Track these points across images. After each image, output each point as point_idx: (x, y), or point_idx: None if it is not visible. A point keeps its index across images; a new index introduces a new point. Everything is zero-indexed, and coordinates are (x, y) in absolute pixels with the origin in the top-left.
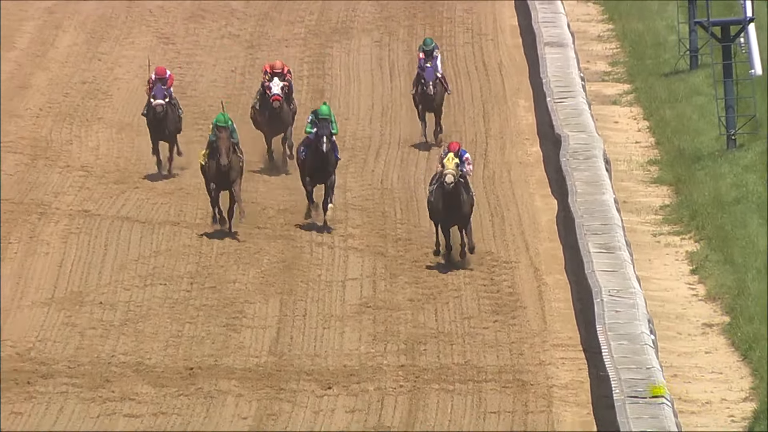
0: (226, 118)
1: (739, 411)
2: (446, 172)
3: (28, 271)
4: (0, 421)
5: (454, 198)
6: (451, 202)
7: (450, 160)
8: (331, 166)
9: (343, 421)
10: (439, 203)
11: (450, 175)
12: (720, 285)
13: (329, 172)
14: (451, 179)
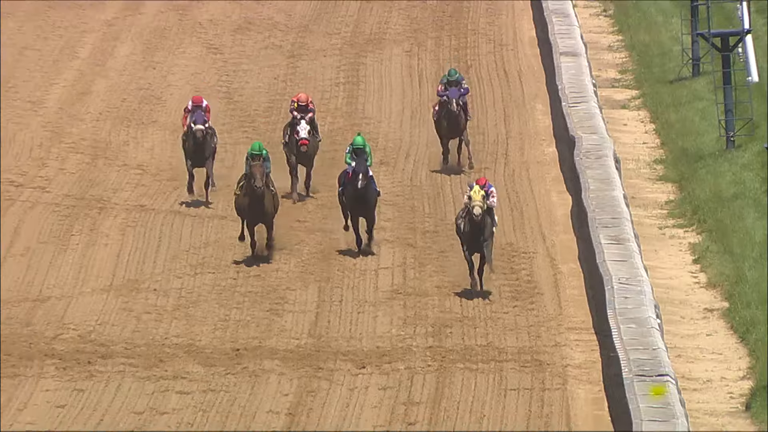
0: (261, 146)
1: (737, 388)
2: (474, 204)
3: (89, 261)
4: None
5: (480, 229)
6: (477, 232)
7: (477, 193)
8: (371, 199)
9: (375, 397)
10: (467, 233)
11: (477, 207)
12: (720, 273)
13: (370, 206)
14: (479, 211)
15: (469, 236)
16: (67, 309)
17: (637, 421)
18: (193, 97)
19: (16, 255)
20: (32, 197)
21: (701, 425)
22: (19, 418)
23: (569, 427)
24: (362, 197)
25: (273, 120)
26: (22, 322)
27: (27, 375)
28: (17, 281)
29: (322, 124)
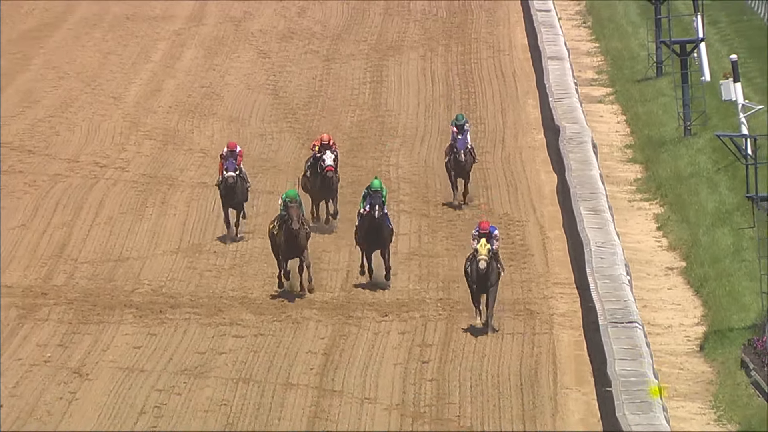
0: (296, 193)
1: (693, 333)
2: (480, 258)
3: (160, 228)
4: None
5: (486, 277)
6: (483, 280)
7: (483, 246)
8: (386, 233)
9: (396, 339)
10: (473, 279)
11: (483, 261)
12: (678, 238)
13: (384, 239)
14: (484, 265)
15: (476, 283)
16: (142, 268)
17: (610, 360)
18: (228, 143)
19: (101, 223)
20: (114, 176)
21: (663, 363)
22: (104, 356)
23: (555, 364)
24: (377, 229)
25: (311, 113)
26: (105, 278)
27: (110, 322)
28: (102, 245)
29: (352, 115)
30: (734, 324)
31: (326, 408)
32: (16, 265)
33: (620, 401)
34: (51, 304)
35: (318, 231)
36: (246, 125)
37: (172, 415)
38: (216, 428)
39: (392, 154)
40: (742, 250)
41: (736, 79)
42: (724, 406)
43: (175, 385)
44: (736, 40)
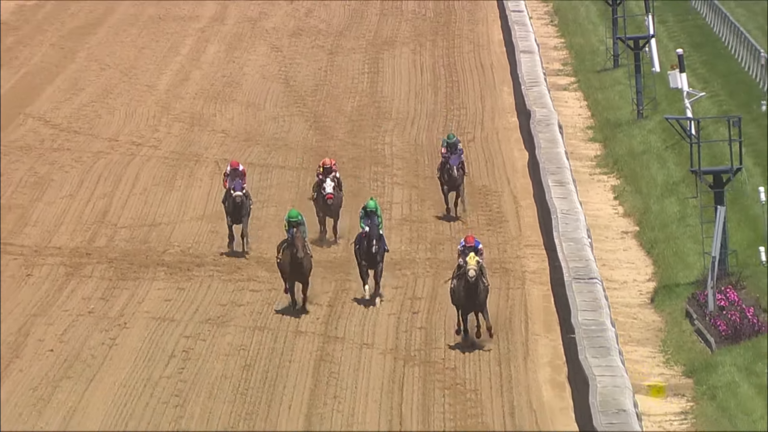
0: (298, 213)
1: (645, 288)
2: (468, 268)
3: (188, 198)
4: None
5: (474, 289)
6: (471, 292)
7: (471, 258)
8: (379, 256)
9: (390, 293)
10: (461, 292)
11: (472, 270)
12: (632, 206)
13: (378, 261)
14: (474, 274)
15: (464, 298)
16: (172, 232)
17: (574, 311)
18: (231, 162)
19: (137, 194)
20: (148, 153)
21: (619, 314)
22: (139, 308)
23: (526, 314)
24: (373, 256)
25: (317, 99)
26: (140, 241)
27: (144, 278)
28: (137, 212)
29: (352, 101)
30: (680, 280)
31: (330, 352)
32: (64, 229)
33: (583, 346)
34: (94, 263)
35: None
36: (261, 109)
37: (197, 358)
38: (235, 370)
39: (386, 135)
40: (687, 217)
41: (682, 70)
42: (671, 350)
43: (200, 333)
44: (682, 36)
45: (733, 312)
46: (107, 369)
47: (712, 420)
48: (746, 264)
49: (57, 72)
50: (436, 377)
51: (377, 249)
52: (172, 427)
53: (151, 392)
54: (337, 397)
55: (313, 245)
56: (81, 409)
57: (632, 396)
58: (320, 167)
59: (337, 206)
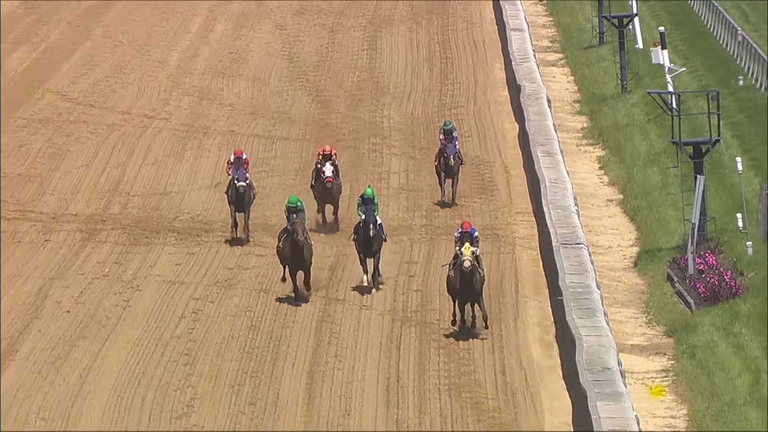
0: (297, 199)
1: (628, 252)
2: (464, 259)
3: (197, 167)
4: None
5: (470, 279)
6: (467, 283)
7: (467, 249)
8: (377, 244)
9: (388, 257)
10: (457, 283)
11: (467, 261)
12: (617, 176)
13: (376, 249)
14: (469, 264)
15: (460, 288)
16: (182, 200)
17: (561, 274)
18: (235, 150)
19: (149, 164)
20: (159, 125)
21: (604, 277)
22: (151, 271)
23: (516, 278)
24: (371, 243)
25: (319, 74)
26: (152, 208)
27: (156, 243)
28: (150, 181)
29: (352, 76)
30: (662, 245)
31: (331, 313)
32: (80, 197)
33: (569, 308)
34: (108, 228)
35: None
36: (266, 84)
37: (206, 319)
38: (242, 330)
39: (384, 108)
40: (668, 186)
41: (663, 47)
42: (653, 311)
43: (209, 295)
44: (663, 15)
45: (711, 275)
46: (121, 329)
47: (692, 377)
48: (724, 230)
49: (74, 49)
50: (432, 337)
51: (374, 234)
52: (182, 384)
53: (162, 351)
54: (337, 356)
55: (313, 233)
56: (96, 366)
57: (616, 354)
58: (319, 154)
59: (336, 192)
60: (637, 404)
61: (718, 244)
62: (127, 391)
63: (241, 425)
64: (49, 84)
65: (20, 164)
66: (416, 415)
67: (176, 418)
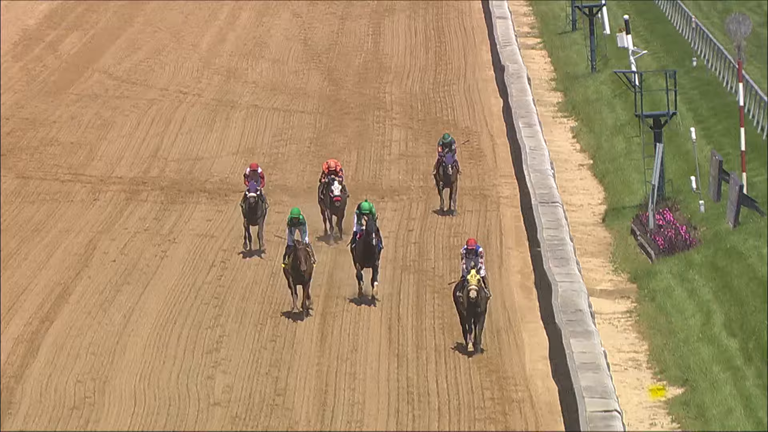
0: (299, 212)
1: (597, 210)
2: (470, 288)
3: (225, 137)
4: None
5: (476, 304)
6: (473, 307)
7: (473, 277)
8: (376, 254)
9: (390, 214)
10: (464, 305)
11: (474, 291)
12: (588, 143)
13: (375, 259)
14: (475, 295)
15: (467, 309)
16: (212, 164)
17: (539, 229)
18: (251, 164)
19: (183, 133)
20: (192, 100)
21: (576, 231)
22: (186, 226)
23: (501, 232)
24: (368, 248)
25: (331, 56)
26: (186, 172)
27: (189, 202)
28: (184, 148)
29: (359, 58)
30: (626, 203)
31: (340, 263)
32: (124, 162)
33: (547, 257)
34: (149, 189)
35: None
36: (285, 64)
37: (233, 267)
38: (264, 276)
39: (387, 85)
40: (632, 152)
41: (628, 32)
42: (618, 260)
43: (235, 246)
44: (628, 5)
45: (669, 229)
46: (159, 276)
47: (652, 317)
48: (680, 190)
49: (118, 34)
50: (428, 283)
51: (376, 241)
52: (212, 324)
53: (195, 295)
54: (346, 299)
55: (319, 242)
56: (138, 308)
57: (587, 298)
58: (324, 170)
59: (343, 206)
60: (605, 341)
61: (674, 202)
62: (164, 330)
63: (263, 359)
64: (97, 64)
65: (72, 134)
66: (414, 350)
67: (207, 352)
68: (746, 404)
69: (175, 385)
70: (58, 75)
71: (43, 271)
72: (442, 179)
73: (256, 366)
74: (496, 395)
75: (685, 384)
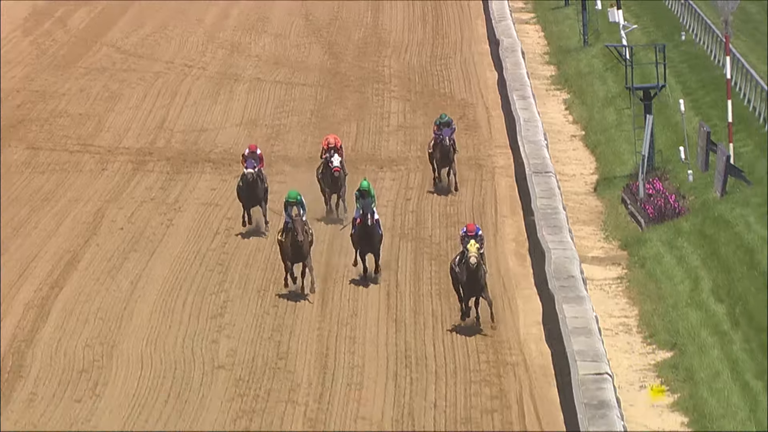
0: (297, 194)
1: (589, 179)
2: (470, 255)
3: (229, 109)
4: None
5: (475, 274)
6: (472, 278)
7: (472, 245)
8: (376, 239)
9: (389, 183)
10: (463, 278)
11: (473, 257)
12: (580, 115)
13: (375, 244)
14: (475, 260)
15: (466, 282)
16: (217, 135)
17: (533, 198)
18: (249, 145)
19: (189, 105)
20: (197, 73)
21: (569, 200)
22: (191, 195)
23: (496, 200)
24: (369, 235)
25: (331, 30)
26: (191, 142)
27: (195, 172)
28: (189, 120)
29: (359, 32)
30: (617, 173)
31: (340, 234)
32: (131, 133)
33: (540, 225)
34: (155, 160)
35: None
36: (286, 39)
37: (237, 235)
38: (266, 244)
39: (386, 59)
40: (622, 124)
41: (619, 7)
42: (610, 229)
43: (239, 215)
44: None
45: (658, 198)
46: (166, 244)
47: (642, 284)
48: (669, 161)
49: (126, 9)
50: (425, 250)
51: (371, 223)
52: (216, 290)
53: (200, 262)
54: (346, 266)
55: (320, 222)
56: (145, 275)
57: (579, 265)
58: (324, 146)
59: (342, 180)
60: (596, 306)
61: (664, 172)
62: (170, 296)
63: (266, 324)
64: (105, 38)
65: (81, 106)
66: (412, 315)
67: (211, 317)
68: (733, 367)
69: (181, 349)
70: (67, 49)
71: (52, 238)
72: (439, 158)
73: (259, 330)
74: (491, 358)
75: (673, 348)
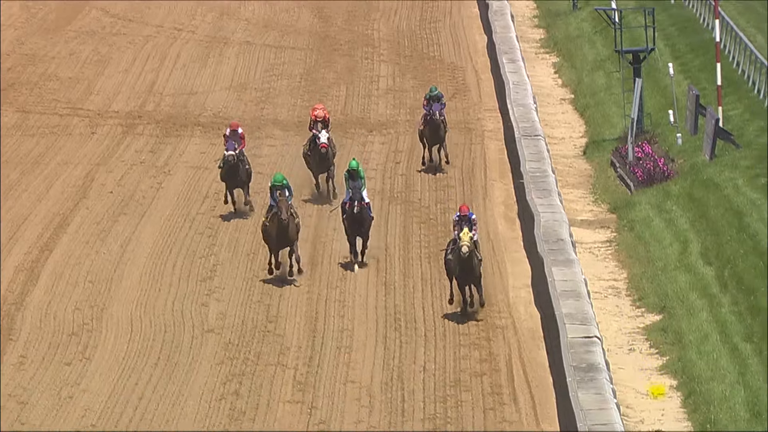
0: (283, 177)
1: (578, 143)
2: (462, 244)
3: (218, 72)
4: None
5: (468, 263)
6: (465, 266)
7: (465, 234)
8: (366, 224)
9: (378, 147)
10: (456, 267)
11: (465, 246)
12: (569, 79)
13: (365, 229)
14: (467, 249)
15: (459, 271)
16: (206, 99)
17: (522, 161)
18: (231, 123)
19: (178, 68)
20: (186, 36)
21: (558, 163)
22: (180, 159)
23: (485, 164)
24: (358, 220)
25: (326, 14)
26: (181, 106)
27: (184, 135)
28: (179, 83)
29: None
30: (606, 136)
31: (331, 198)
32: (121, 96)
33: (529, 189)
34: (144, 123)
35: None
36: (276, 2)
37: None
38: (256, 207)
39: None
40: (612, 87)
41: None
42: (599, 192)
43: None
44: None
45: (647, 162)
46: (155, 207)
47: (631, 247)
48: (658, 124)
49: None
50: (414, 214)
51: (359, 210)
52: (206, 253)
53: (189, 225)
54: (336, 230)
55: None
56: (135, 238)
57: (568, 228)
58: (312, 117)
59: (330, 158)
60: (585, 269)
61: (653, 135)
62: (160, 259)
63: (255, 287)
64: (95, 2)
65: (71, 69)
66: (401, 278)
67: (201, 281)
68: (721, 330)
69: (170, 313)
70: (56, 12)
71: (42, 201)
72: (430, 134)
73: (248, 294)
74: (480, 322)
75: (662, 311)
